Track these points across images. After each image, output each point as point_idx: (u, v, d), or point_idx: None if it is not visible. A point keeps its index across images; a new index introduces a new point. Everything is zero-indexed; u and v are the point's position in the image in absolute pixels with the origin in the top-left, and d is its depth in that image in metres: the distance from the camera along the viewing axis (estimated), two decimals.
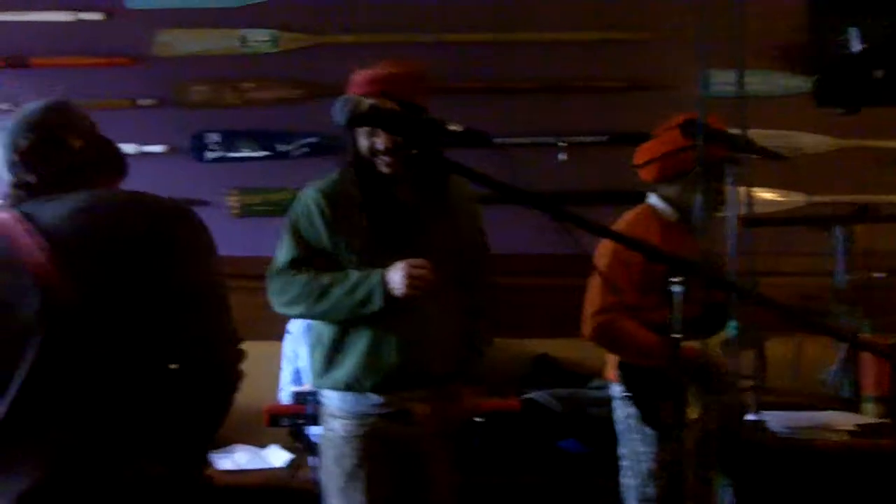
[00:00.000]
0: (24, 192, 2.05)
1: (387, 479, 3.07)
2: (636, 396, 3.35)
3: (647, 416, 3.32)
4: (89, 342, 1.86)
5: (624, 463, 3.43)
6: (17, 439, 1.85)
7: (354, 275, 2.99)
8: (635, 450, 3.35)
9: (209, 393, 1.97)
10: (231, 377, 2.01)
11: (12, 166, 2.08)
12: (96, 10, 5.14)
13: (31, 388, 1.85)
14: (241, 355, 2.03)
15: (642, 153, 3.59)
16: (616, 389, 3.47)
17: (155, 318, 1.91)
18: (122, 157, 2.21)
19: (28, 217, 1.98)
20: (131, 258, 1.91)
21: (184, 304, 1.94)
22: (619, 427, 3.45)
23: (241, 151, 5.13)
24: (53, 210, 1.98)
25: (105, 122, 5.30)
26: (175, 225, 2.00)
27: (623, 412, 3.41)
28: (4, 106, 5.11)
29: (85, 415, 1.86)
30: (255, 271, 3.67)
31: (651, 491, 3.34)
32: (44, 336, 1.86)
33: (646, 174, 3.58)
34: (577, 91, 5.15)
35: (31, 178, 2.05)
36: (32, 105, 2.16)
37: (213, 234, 2.10)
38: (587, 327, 3.42)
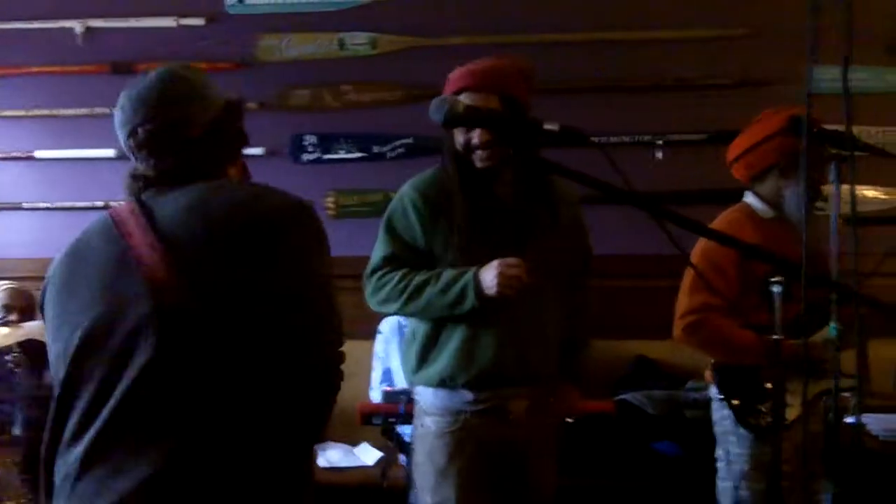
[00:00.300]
0: (141, 182, 2.00)
1: (479, 476, 3.06)
2: (730, 397, 3.29)
3: (742, 417, 3.26)
4: (200, 344, 1.82)
5: (719, 464, 3.39)
6: (123, 439, 1.84)
7: (448, 273, 2.98)
8: (730, 451, 3.30)
9: (313, 393, 1.91)
10: (333, 378, 1.94)
11: (128, 152, 2.02)
12: (198, 15, 5.25)
13: (142, 387, 1.83)
14: (342, 357, 1.96)
15: (731, 151, 3.54)
16: (713, 391, 3.42)
17: (264, 317, 1.85)
18: (241, 135, 2.11)
19: (144, 210, 1.93)
20: (244, 258, 1.86)
21: (293, 304, 1.88)
22: (716, 429, 3.40)
23: (337, 153, 5.19)
24: (169, 205, 1.93)
25: None
26: (289, 224, 1.93)
27: (719, 413, 3.36)
28: (109, 111, 5.28)
29: (195, 415, 1.82)
30: (349, 271, 3.69)
31: (745, 493, 3.28)
32: (155, 337, 1.82)
33: (737, 172, 3.52)
34: (678, 89, 5.10)
35: (148, 171, 2.00)
36: (151, 80, 2.02)
37: None
38: (676, 329, 3.39)
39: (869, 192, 4.83)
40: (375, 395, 4.33)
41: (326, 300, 1.93)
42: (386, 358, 4.49)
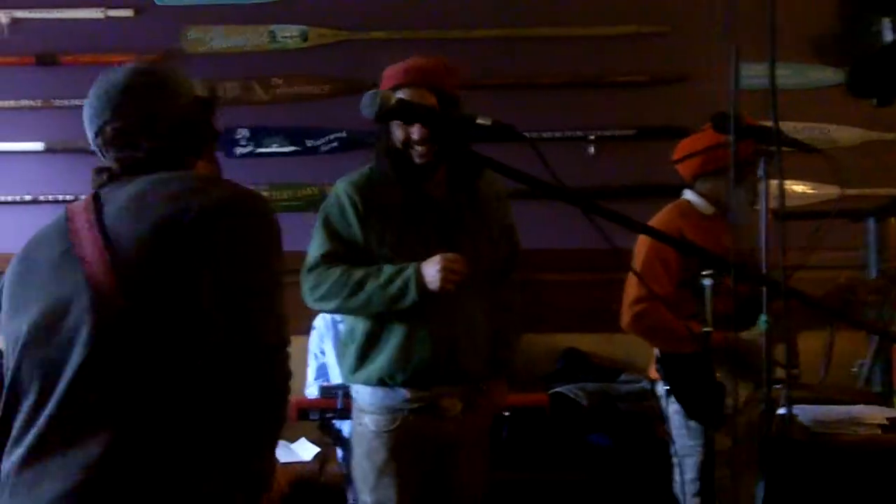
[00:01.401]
0: (104, 176, 1.99)
1: (418, 473, 3.06)
2: (677, 390, 3.32)
3: (690, 408, 3.29)
4: (135, 342, 1.79)
5: (676, 459, 3.41)
6: (58, 442, 1.80)
7: (388, 268, 2.98)
8: (685, 444, 3.33)
9: (248, 394, 1.83)
10: (268, 381, 1.86)
11: (96, 148, 2.01)
12: (125, 6, 5.17)
13: (78, 390, 1.80)
14: (278, 358, 1.87)
15: (683, 148, 3.56)
16: (661, 387, 3.44)
17: (198, 315, 1.80)
18: (210, 130, 2.09)
19: (97, 205, 1.92)
20: (176, 256, 1.82)
21: (226, 302, 1.81)
22: (669, 424, 3.42)
23: (269, 147, 5.15)
24: (119, 198, 1.91)
25: None
26: (224, 219, 1.85)
27: (669, 408, 3.39)
28: (35, 103, 5.19)
29: (130, 421, 1.79)
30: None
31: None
32: (92, 335, 1.80)
33: (685, 169, 3.55)
34: (606, 85, 5.14)
35: (113, 166, 1.98)
36: (118, 76, 2.01)
37: None
38: (625, 318, 3.41)
39: (797, 187, 4.91)
40: (312, 392, 4.31)
41: (262, 299, 1.86)
42: (321, 354, 4.46)
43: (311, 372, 4.48)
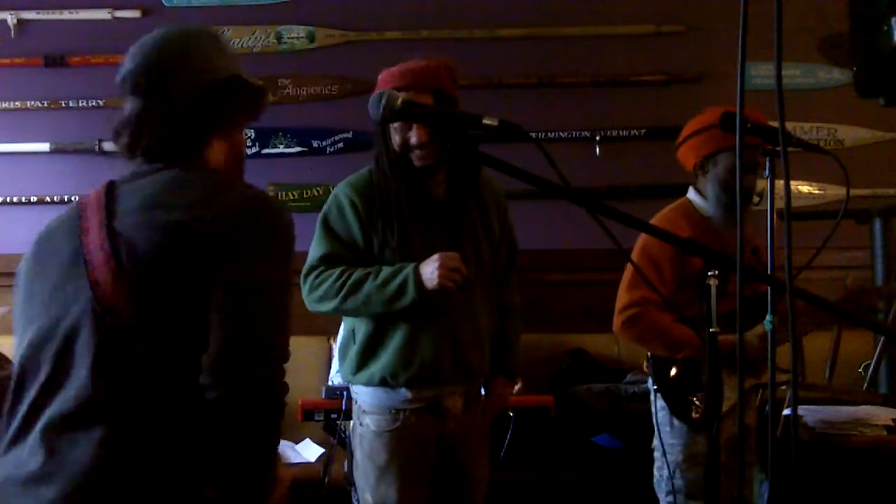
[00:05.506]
0: (126, 154, 1.96)
1: (419, 473, 3.06)
2: (665, 389, 3.33)
3: (677, 408, 3.30)
4: (134, 353, 1.79)
5: (655, 454, 3.42)
6: (54, 445, 1.80)
7: (387, 269, 2.98)
8: (666, 441, 3.34)
9: (238, 407, 1.78)
10: (259, 396, 1.79)
11: (124, 99, 1.97)
12: (133, 7, 5.19)
13: (76, 393, 1.79)
14: (277, 371, 1.83)
15: (679, 139, 3.55)
16: (650, 382, 3.45)
17: (201, 325, 1.77)
18: (232, 111, 2.02)
19: (109, 200, 1.89)
20: (185, 266, 1.79)
21: (230, 313, 1.78)
22: (654, 419, 3.43)
23: (276, 148, 5.16)
24: (132, 197, 1.88)
25: None
26: (234, 231, 1.82)
27: (656, 404, 3.40)
28: (42, 104, 5.20)
29: (129, 426, 1.78)
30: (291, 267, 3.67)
31: (679, 483, 3.31)
32: (94, 341, 1.79)
33: (682, 156, 3.53)
34: (615, 85, 5.14)
35: (127, 152, 1.96)
36: (147, 48, 1.97)
37: None
38: (616, 323, 3.41)
39: (803, 188, 4.91)
40: (337, 381, 4.31)
41: (268, 310, 1.83)
42: None
43: (335, 364, 4.48)
